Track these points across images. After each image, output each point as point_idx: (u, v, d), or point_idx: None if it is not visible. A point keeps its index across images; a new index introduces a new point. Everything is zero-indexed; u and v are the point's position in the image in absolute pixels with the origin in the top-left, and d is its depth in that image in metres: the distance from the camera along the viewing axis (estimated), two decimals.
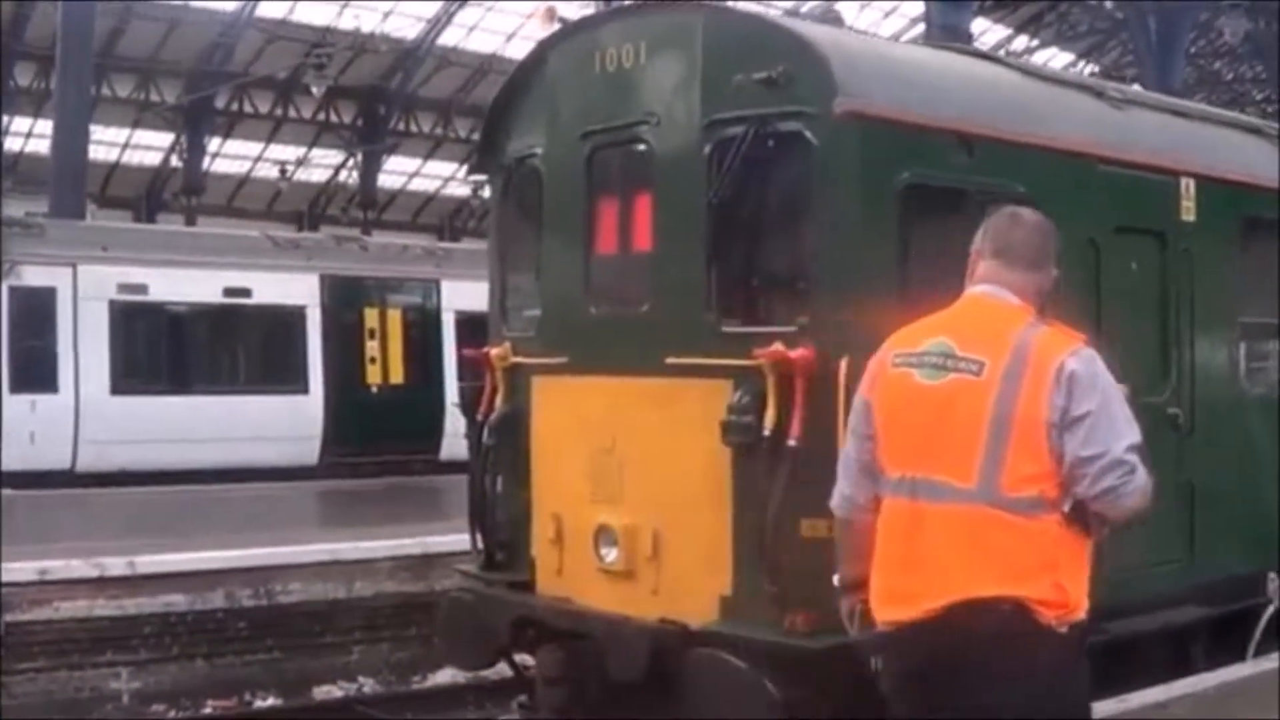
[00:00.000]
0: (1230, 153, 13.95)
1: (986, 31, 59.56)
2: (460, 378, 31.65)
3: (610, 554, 11.29)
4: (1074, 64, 63.87)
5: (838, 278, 10.23)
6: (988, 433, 6.07)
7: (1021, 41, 65.22)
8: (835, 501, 6.82)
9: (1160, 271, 12.58)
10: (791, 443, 9.97)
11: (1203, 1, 47.32)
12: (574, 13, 33.48)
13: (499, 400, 12.63)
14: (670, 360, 10.84)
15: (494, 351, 12.66)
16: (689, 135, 11.06)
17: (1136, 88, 21.30)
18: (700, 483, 10.71)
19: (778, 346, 10.07)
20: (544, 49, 12.75)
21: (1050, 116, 12.00)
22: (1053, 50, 65.47)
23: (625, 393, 11.35)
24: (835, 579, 6.95)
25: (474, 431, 12.88)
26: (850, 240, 10.26)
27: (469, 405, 12.98)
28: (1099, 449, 5.98)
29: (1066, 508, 6.06)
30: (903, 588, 6.20)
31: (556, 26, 12.75)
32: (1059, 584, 6.00)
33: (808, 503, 9.92)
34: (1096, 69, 62.57)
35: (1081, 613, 6.10)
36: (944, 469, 6.14)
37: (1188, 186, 12.83)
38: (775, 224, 11.18)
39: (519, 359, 12.49)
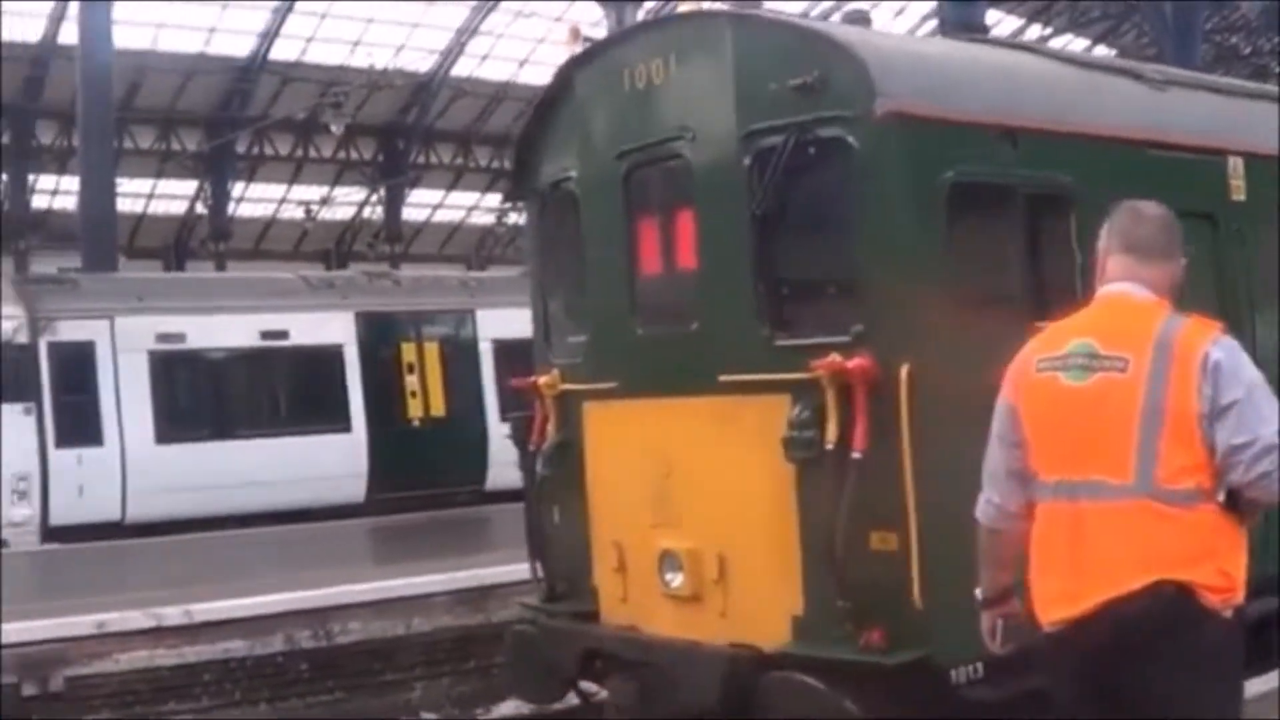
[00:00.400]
0: (1274, 127, 13.70)
1: (1000, 22, 59.25)
2: (502, 407, 31.73)
3: (675, 579, 11.13)
4: (1089, 49, 63.55)
5: (889, 282, 10.06)
6: (1140, 428, 6.08)
7: (1035, 30, 64.93)
8: (982, 510, 6.73)
9: (1214, 254, 12.31)
10: (856, 454, 9.79)
11: None
12: (588, 30, 33.43)
13: (550, 429, 12.48)
14: (724, 378, 10.68)
15: (542, 380, 12.51)
16: (727, 148, 10.88)
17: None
18: (764, 501, 10.54)
19: (834, 357, 9.91)
20: (570, 71, 12.59)
21: (1092, 103, 11.80)
22: (1067, 37, 65.14)
23: (680, 414, 11.18)
24: (977, 593, 6.87)
25: (527, 462, 12.73)
26: (899, 243, 10.10)
27: (520, 436, 12.82)
28: (1249, 436, 5.96)
29: (1221, 497, 6.04)
30: (1069, 588, 6.16)
31: (583, 45, 12.52)
32: (1221, 569, 6.01)
33: (876, 515, 9.80)
34: (1114, 53, 62.29)
35: (1241, 596, 6.11)
36: (1101, 468, 6.13)
37: (1236, 166, 12.59)
38: (822, 232, 10.96)
39: (568, 386, 12.33)
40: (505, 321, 32.10)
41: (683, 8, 11.71)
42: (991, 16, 46.45)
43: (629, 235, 11.86)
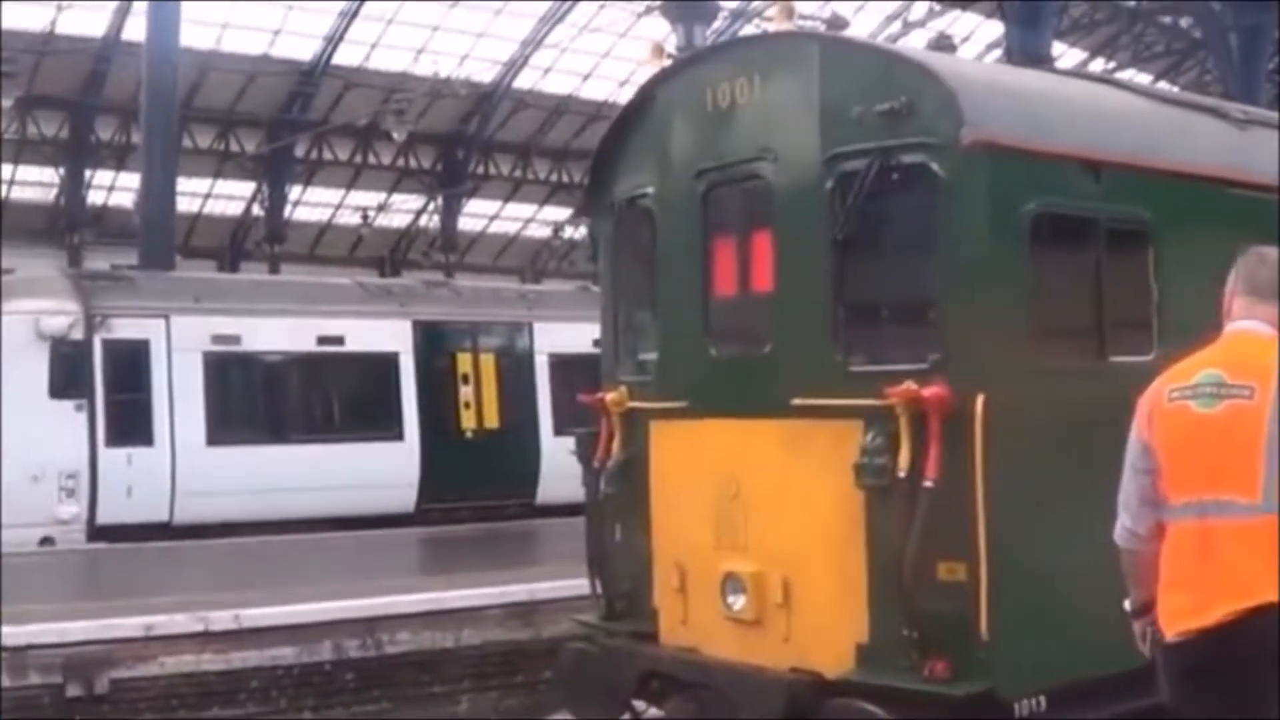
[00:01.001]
0: None
1: (1063, 55, 59.11)
2: (556, 421, 31.72)
3: (738, 602, 11.07)
4: (1152, 84, 63.23)
5: (969, 312, 10.00)
6: (1266, 451, 6.51)
7: (1099, 64, 64.76)
8: (1119, 534, 7.19)
9: None
10: (928, 484, 9.74)
11: None
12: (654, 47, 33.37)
13: (616, 446, 12.41)
14: (797, 402, 10.60)
15: (609, 396, 12.44)
16: (810, 170, 10.82)
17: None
18: (832, 527, 10.47)
19: (909, 385, 9.85)
20: (652, 87, 12.56)
21: (1174, 140, 11.74)
22: (1130, 72, 64.94)
23: (750, 436, 11.12)
24: (1126, 604, 7.30)
25: (591, 479, 12.65)
26: (980, 273, 10.03)
27: (585, 452, 12.75)
28: None
29: None
30: (1196, 601, 6.60)
31: (666, 63, 12.49)
32: None
33: (945, 545, 9.74)
34: (1176, 89, 61.99)
35: None
36: (1230, 488, 6.57)
37: None
38: (902, 259, 10.94)
39: (636, 403, 12.27)
40: (562, 335, 32.16)
41: (769, 27, 11.62)
42: (1056, 49, 46.37)
43: (704, 255, 11.79)
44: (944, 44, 12.57)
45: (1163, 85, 59.03)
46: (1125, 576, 7.23)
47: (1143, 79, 61.22)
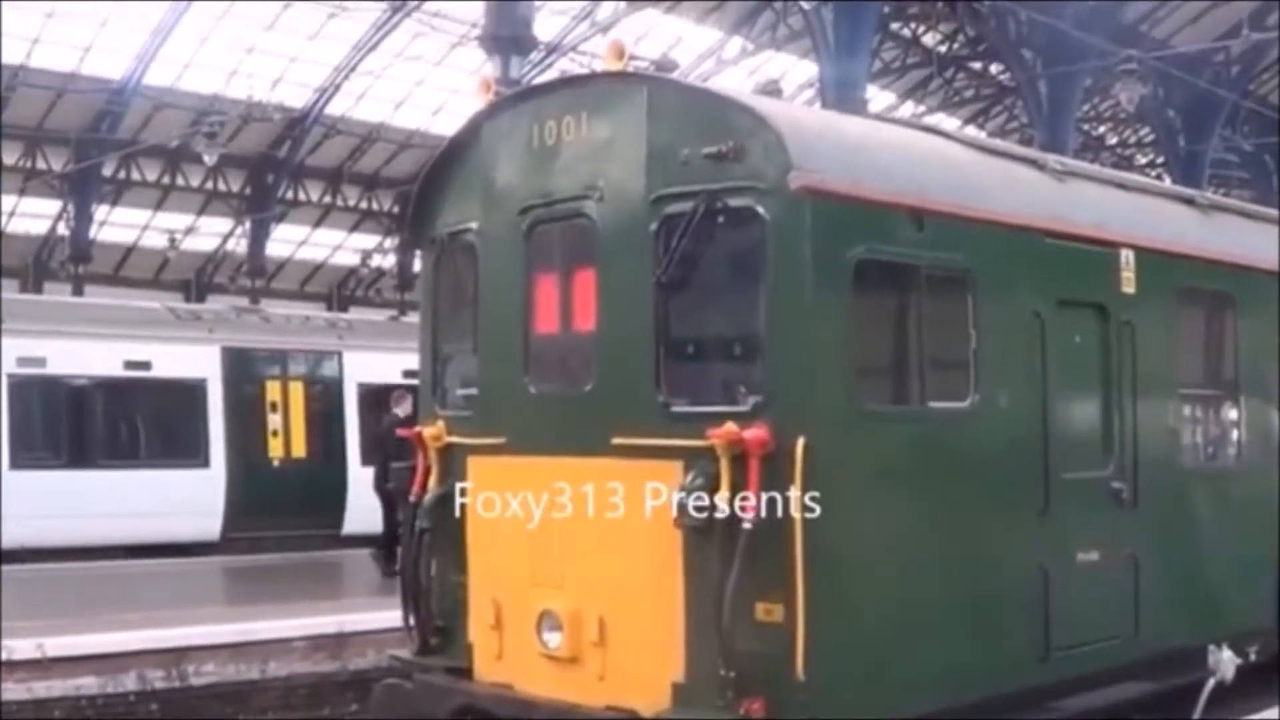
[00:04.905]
0: (1166, 223, 13.93)
1: (875, 98, 59.82)
2: (364, 451, 31.53)
3: (554, 639, 11.06)
4: (960, 129, 64.11)
5: (791, 355, 10.05)
6: None
7: (908, 108, 65.58)
8: None
9: (1102, 344, 12.52)
10: (746, 525, 9.76)
11: (1092, 65, 47.72)
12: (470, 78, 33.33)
13: (433, 481, 12.35)
14: (618, 441, 10.61)
15: (427, 431, 12.37)
16: (635, 210, 10.85)
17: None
18: (649, 566, 10.49)
19: (730, 426, 9.88)
20: (478, 121, 12.49)
21: (995, 190, 11.93)
22: (940, 116, 65.83)
23: (569, 474, 11.10)
24: None
25: (407, 513, 12.58)
26: (804, 317, 10.08)
27: (402, 486, 12.68)
28: None
29: None
30: None
31: (492, 97, 12.44)
32: None
33: (763, 586, 9.79)
34: (984, 135, 62.96)
35: None
36: None
37: (1128, 259, 12.78)
38: (726, 301, 10.95)
39: (454, 439, 12.21)
40: (373, 365, 32.01)
41: (598, 66, 11.63)
42: (868, 91, 46.96)
43: (526, 291, 11.77)
44: (771, 89, 12.60)
45: (971, 130, 60.11)
46: None
47: (952, 124, 62.26)
